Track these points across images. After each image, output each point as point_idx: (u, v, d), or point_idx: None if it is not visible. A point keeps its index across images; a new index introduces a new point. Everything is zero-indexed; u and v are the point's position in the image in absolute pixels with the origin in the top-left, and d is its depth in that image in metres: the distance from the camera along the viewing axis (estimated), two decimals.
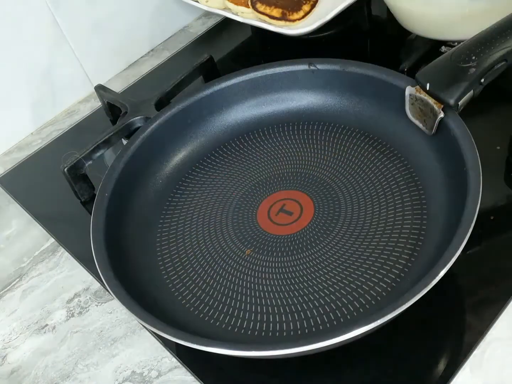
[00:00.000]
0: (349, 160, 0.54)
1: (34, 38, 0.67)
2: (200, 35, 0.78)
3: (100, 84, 0.68)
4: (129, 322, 0.48)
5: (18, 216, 0.60)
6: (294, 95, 0.58)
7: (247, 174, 0.55)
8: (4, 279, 0.55)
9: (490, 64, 0.46)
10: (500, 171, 0.52)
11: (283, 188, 0.53)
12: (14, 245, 0.58)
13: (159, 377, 0.44)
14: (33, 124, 0.71)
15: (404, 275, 0.44)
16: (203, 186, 0.55)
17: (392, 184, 0.50)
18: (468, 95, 0.46)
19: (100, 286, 0.52)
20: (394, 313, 0.36)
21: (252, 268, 0.47)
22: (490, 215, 0.48)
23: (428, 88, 0.47)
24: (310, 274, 0.46)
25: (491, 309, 0.43)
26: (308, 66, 0.56)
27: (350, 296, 0.44)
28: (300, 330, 0.42)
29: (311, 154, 0.55)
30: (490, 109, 0.57)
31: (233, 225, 0.51)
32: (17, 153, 0.69)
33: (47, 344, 0.49)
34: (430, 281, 0.37)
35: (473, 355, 0.41)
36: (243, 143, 0.58)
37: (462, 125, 0.46)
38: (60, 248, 0.56)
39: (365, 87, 0.55)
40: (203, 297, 0.46)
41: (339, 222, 0.49)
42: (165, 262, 0.49)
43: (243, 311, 0.45)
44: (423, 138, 0.50)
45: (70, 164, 0.56)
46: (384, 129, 0.54)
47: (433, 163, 0.49)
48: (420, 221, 0.47)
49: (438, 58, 0.49)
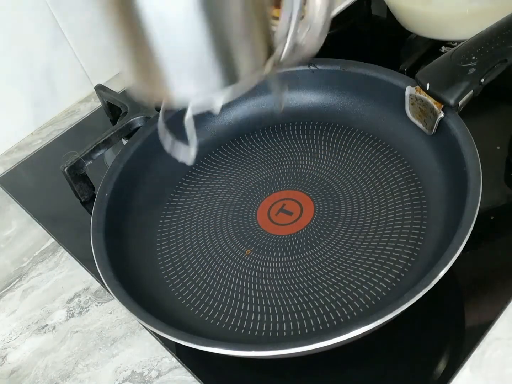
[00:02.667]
0: (349, 160, 0.54)
1: (34, 38, 0.67)
2: None
3: (100, 84, 0.68)
4: (129, 322, 0.48)
5: (18, 216, 0.60)
6: (294, 95, 0.58)
7: (247, 174, 0.55)
8: (4, 279, 0.55)
9: (490, 64, 0.46)
10: (500, 171, 0.52)
11: (283, 188, 0.53)
12: (14, 245, 0.58)
13: (159, 377, 0.44)
14: (33, 124, 0.71)
15: (404, 275, 0.44)
16: (203, 186, 0.55)
17: (392, 184, 0.50)
18: (468, 95, 0.46)
19: (100, 286, 0.52)
20: (394, 313, 0.36)
21: (252, 268, 0.47)
22: (490, 215, 0.48)
23: (428, 88, 0.47)
24: (310, 274, 0.46)
25: (491, 309, 0.43)
26: (308, 66, 0.56)
27: (350, 296, 0.44)
28: (300, 330, 0.42)
29: (311, 154, 0.55)
30: (490, 109, 0.57)
31: (233, 225, 0.51)
32: (17, 153, 0.69)
33: (47, 344, 0.49)
34: (430, 281, 0.37)
35: (473, 355, 0.41)
36: (243, 143, 0.58)
37: (462, 125, 0.46)
38: (60, 248, 0.56)
39: (365, 87, 0.55)
40: (203, 297, 0.46)
41: (339, 222, 0.49)
42: (165, 262, 0.49)
43: (243, 311, 0.45)
44: (423, 138, 0.50)
45: (70, 164, 0.56)
46: (384, 129, 0.54)
47: (433, 163, 0.49)
48: (420, 221, 0.47)
49: (438, 58, 0.49)
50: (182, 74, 0.35)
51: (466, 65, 0.46)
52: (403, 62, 0.60)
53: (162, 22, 0.33)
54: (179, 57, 0.34)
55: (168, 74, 0.35)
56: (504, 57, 0.46)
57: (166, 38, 0.33)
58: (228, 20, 0.34)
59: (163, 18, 0.33)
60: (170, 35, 0.33)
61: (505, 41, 0.46)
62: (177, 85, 0.36)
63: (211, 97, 0.37)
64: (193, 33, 0.33)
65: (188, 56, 0.34)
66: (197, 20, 0.33)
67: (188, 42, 0.34)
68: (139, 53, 0.35)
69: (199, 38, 0.34)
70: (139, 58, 0.35)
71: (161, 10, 0.32)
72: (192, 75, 0.35)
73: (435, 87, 0.47)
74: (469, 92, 0.46)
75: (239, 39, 0.35)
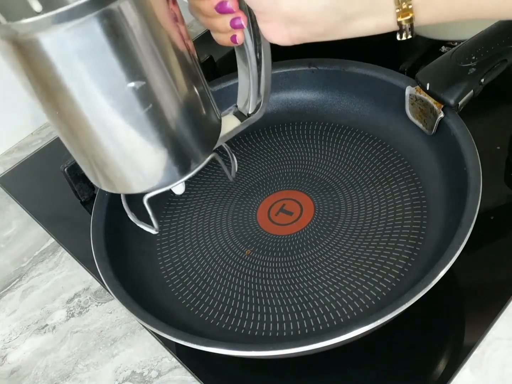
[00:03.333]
0: (349, 160, 0.54)
1: None
2: (200, 35, 0.78)
3: None
4: (129, 322, 0.48)
5: (18, 216, 0.60)
6: (294, 95, 0.58)
7: (247, 174, 0.55)
8: (4, 279, 0.55)
9: (490, 64, 0.46)
10: (500, 171, 0.52)
11: (283, 188, 0.53)
12: (14, 245, 0.58)
13: (159, 377, 0.44)
14: (33, 124, 0.71)
15: (404, 275, 0.44)
16: (203, 186, 0.55)
17: (392, 184, 0.50)
18: (468, 95, 0.46)
19: (100, 286, 0.52)
20: (394, 313, 0.36)
21: (252, 268, 0.47)
22: (490, 215, 0.48)
23: (428, 88, 0.47)
24: (310, 274, 0.46)
25: (491, 309, 0.43)
26: (308, 66, 0.56)
27: (350, 296, 0.44)
28: (300, 330, 0.42)
29: (311, 154, 0.55)
30: (490, 109, 0.57)
31: (233, 225, 0.51)
32: (17, 153, 0.69)
33: (47, 344, 0.49)
34: (430, 281, 0.37)
35: (473, 355, 0.41)
36: (243, 143, 0.58)
37: (462, 125, 0.46)
38: (60, 248, 0.56)
39: (365, 87, 0.55)
40: (203, 297, 0.46)
41: (339, 222, 0.49)
42: (165, 262, 0.49)
43: (243, 311, 0.45)
44: (423, 138, 0.50)
45: (70, 164, 0.56)
46: (384, 129, 0.54)
47: (433, 163, 0.49)
48: (420, 221, 0.47)
49: (438, 58, 0.49)
50: (136, 174, 0.37)
51: (466, 65, 0.46)
52: (403, 62, 0.60)
53: (110, 131, 0.34)
54: (130, 159, 0.36)
55: (122, 175, 0.37)
56: (504, 57, 0.46)
57: (115, 143, 0.35)
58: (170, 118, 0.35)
59: (110, 127, 0.34)
60: (118, 140, 0.35)
61: (505, 41, 0.46)
62: (134, 183, 0.38)
63: (169, 186, 0.39)
64: (140, 135, 0.35)
65: (140, 157, 0.36)
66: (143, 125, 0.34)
67: (136, 145, 0.35)
68: (93, 160, 0.37)
69: (147, 140, 0.35)
70: (94, 164, 0.37)
71: (106, 119, 0.33)
72: (147, 173, 0.37)
73: (435, 87, 0.47)
74: (469, 92, 0.46)
75: (184, 134, 0.36)
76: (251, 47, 0.39)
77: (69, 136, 0.36)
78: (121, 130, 0.34)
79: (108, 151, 0.35)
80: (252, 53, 0.39)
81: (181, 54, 0.35)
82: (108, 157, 0.35)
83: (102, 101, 0.32)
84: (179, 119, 0.35)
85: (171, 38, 0.34)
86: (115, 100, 0.32)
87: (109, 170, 0.36)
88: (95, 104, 0.32)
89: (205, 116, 0.38)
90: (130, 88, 0.32)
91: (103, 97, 0.32)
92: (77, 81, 0.31)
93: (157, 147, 0.35)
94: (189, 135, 0.37)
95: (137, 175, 0.37)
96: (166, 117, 0.35)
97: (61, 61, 0.30)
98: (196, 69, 0.37)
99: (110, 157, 0.35)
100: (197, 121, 0.37)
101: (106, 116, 0.33)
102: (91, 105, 0.32)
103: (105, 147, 0.35)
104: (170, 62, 0.34)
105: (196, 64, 0.37)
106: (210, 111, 0.39)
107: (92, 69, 0.31)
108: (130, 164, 0.36)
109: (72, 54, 0.30)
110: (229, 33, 0.36)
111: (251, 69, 0.41)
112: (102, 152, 0.35)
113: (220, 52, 0.74)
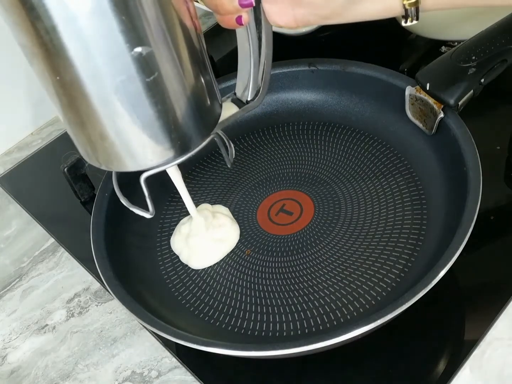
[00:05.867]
0: (349, 160, 0.54)
1: None
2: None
3: None
4: (129, 322, 0.48)
5: (18, 216, 0.60)
6: (294, 95, 0.58)
7: (247, 174, 0.55)
8: (4, 279, 0.55)
9: (490, 64, 0.46)
10: (500, 171, 0.52)
11: (283, 188, 0.53)
12: (14, 245, 0.58)
13: (159, 377, 0.44)
14: (33, 124, 0.71)
15: (404, 275, 0.44)
16: (203, 186, 0.55)
17: (392, 184, 0.50)
18: (468, 95, 0.46)
19: (100, 286, 0.52)
20: (394, 313, 0.36)
21: (252, 268, 0.47)
22: (490, 215, 0.48)
23: (428, 88, 0.47)
24: (310, 274, 0.46)
25: (491, 309, 0.43)
26: (308, 66, 0.56)
27: (350, 296, 0.44)
28: (300, 330, 0.42)
29: (311, 154, 0.55)
30: (490, 109, 0.57)
31: None
32: (17, 153, 0.69)
33: (47, 344, 0.49)
34: (430, 281, 0.37)
35: (473, 355, 0.41)
36: (243, 143, 0.58)
37: (462, 125, 0.46)
38: (60, 248, 0.56)
39: (365, 87, 0.55)
40: (203, 297, 0.46)
41: (339, 222, 0.49)
42: (165, 262, 0.49)
43: (243, 311, 0.45)
44: (423, 138, 0.50)
45: (70, 164, 0.56)
46: (384, 129, 0.54)
47: (433, 163, 0.49)
48: (420, 221, 0.47)
49: (438, 58, 0.49)
50: (132, 150, 0.36)
51: (466, 65, 0.46)
52: (403, 62, 0.60)
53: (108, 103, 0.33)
54: (128, 133, 0.35)
55: (119, 150, 0.36)
56: (504, 57, 0.46)
57: (115, 114, 0.34)
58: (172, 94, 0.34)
59: (111, 96, 0.33)
60: (118, 111, 0.34)
61: (505, 41, 0.46)
62: (129, 160, 0.37)
63: (164, 166, 0.38)
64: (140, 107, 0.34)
65: (138, 131, 0.35)
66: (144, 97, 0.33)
67: (135, 119, 0.34)
68: (90, 132, 0.36)
69: (146, 114, 0.34)
70: (90, 137, 0.36)
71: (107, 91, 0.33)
72: (143, 149, 0.36)
73: (435, 87, 0.47)
74: (469, 92, 0.46)
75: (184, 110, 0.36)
76: (254, 30, 0.39)
77: (67, 106, 0.34)
78: (123, 99, 0.33)
79: (107, 123, 0.34)
80: (254, 35, 0.39)
81: (188, 29, 0.34)
82: (106, 129, 0.34)
83: (106, 66, 0.31)
84: (180, 94, 0.35)
85: (180, 11, 0.33)
86: (120, 66, 0.32)
87: (107, 144, 0.35)
88: (98, 69, 0.31)
89: (206, 97, 0.37)
90: (137, 53, 0.31)
91: (108, 61, 0.31)
92: (81, 43, 0.30)
93: (156, 121, 0.34)
94: (189, 114, 0.36)
95: (133, 151, 0.36)
96: (168, 90, 0.34)
97: (65, 21, 0.30)
98: (201, 49, 0.37)
99: (108, 129, 0.34)
100: (197, 100, 0.37)
101: (108, 83, 0.32)
102: (94, 70, 0.31)
103: (104, 118, 0.34)
104: (177, 34, 0.33)
105: (202, 45, 0.37)
106: (212, 92, 0.38)
107: (98, 31, 0.30)
108: (127, 139, 0.35)
109: (78, 14, 0.29)
110: (235, 14, 0.35)
111: (252, 54, 0.40)
112: (100, 124, 0.34)
113: (220, 52, 0.74)
